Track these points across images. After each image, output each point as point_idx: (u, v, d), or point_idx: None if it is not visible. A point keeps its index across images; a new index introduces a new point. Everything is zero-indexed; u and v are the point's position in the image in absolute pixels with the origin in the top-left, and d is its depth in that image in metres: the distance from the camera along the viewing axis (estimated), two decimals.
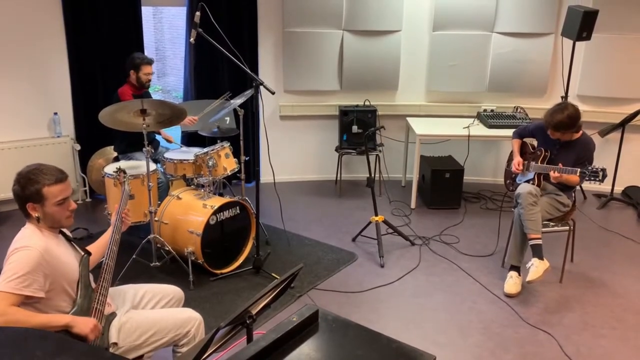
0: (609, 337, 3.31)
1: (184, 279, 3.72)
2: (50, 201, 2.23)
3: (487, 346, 3.21)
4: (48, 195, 2.22)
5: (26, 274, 2.09)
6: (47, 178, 2.23)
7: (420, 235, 4.57)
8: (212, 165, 3.97)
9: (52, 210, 2.25)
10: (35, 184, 2.21)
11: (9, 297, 2.05)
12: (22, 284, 2.08)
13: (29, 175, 2.23)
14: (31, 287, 2.10)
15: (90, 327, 2.14)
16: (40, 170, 2.24)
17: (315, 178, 5.80)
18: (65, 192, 2.28)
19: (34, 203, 2.23)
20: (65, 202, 2.28)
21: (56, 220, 2.29)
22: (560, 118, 3.59)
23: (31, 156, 4.75)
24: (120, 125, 3.67)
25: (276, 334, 1.60)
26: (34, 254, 2.13)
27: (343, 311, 3.51)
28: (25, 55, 4.71)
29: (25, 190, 2.22)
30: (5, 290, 2.05)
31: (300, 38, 5.30)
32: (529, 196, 3.66)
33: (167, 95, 9.61)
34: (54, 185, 2.24)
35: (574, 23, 4.64)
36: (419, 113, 5.53)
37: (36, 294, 2.11)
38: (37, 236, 2.23)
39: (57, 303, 2.22)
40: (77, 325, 2.12)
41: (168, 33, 9.54)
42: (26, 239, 2.21)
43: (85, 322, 2.15)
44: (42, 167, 2.26)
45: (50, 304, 2.20)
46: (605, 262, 4.20)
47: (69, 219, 2.33)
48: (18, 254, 2.14)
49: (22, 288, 2.08)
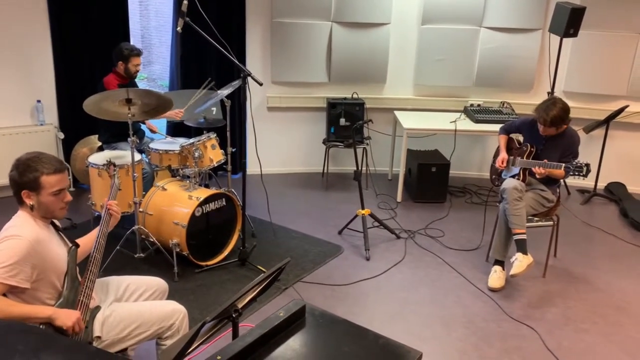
0: (591, 332, 3.36)
1: (168, 271, 3.70)
2: (46, 190, 2.21)
3: (470, 340, 3.24)
4: (45, 184, 2.20)
5: (14, 264, 2.07)
6: (46, 167, 2.21)
7: (406, 228, 4.59)
8: (199, 156, 3.93)
9: (47, 200, 2.23)
10: (33, 171, 2.19)
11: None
12: (9, 274, 2.05)
13: (28, 162, 2.20)
14: (17, 277, 2.07)
15: (73, 320, 2.11)
16: (40, 158, 2.22)
17: (302, 170, 5.78)
18: (62, 183, 2.26)
19: (29, 191, 2.21)
20: (61, 193, 2.27)
21: (50, 211, 2.26)
22: (555, 113, 3.60)
23: (13, 144, 4.68)
24: (106, 114, 3.62)
25: (263, 329, 1.59)
26: (23, 244, 2.11)
27: (328, 304, 3.52)
28: (7, 40, 4.61)
29: (22, 177, 2.19)
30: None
31: (289, 29, 5.26)
32: (514, 191, 3.69)
33: (152, 84, 9.50)
34: (52, 175, 2.21)
35: (562, 19, 4.67)
36: (406, 107, 5.53)
37: (21, 284, 2.09)
38: (29, 225, 2.20)
39: (41, 295, 2.19)
40: (59, 318, 2.10)
41: (154, 20, 9.41)
42: (17, 227, 2.18)
43: (68, 315, 2.13)
44: (42, 155, 2.24)
45: (35, 295, 2.17)
46: (588, 258, 4.26)
47: (63, 210, 2.31)
48: (7, 243, 2.11)
49: (8, 277, 2.05)
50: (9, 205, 2.29)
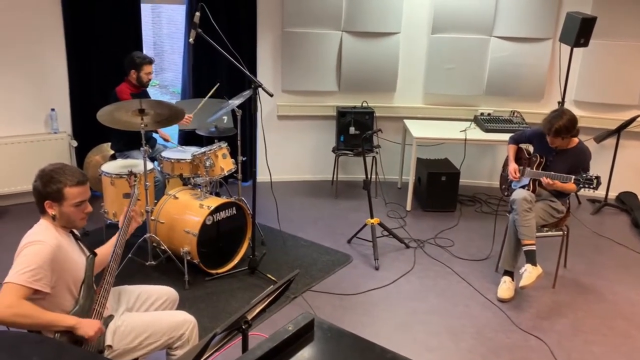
0: (600, 344, 3.35)
1: (179, 279, 3.73)
2: (69, 202, 2.28)
3: (479, 351, 3.24)
4: (68, 195, 2.27)
5: (38, 268, 2.12)
6: (70, 179, 2.28)
7: (415, 238, 4.60)
8: (210, 165, 3.98)
9: (69, 211, 2.29)
10: (57, 183, 2.26)
11: (20, 290, 2.08)
12: (34, 278, 2.11)
13: (52, 173, 2.27)
14: (41, 281, 2.13)
15: (95, 330, 2.17)
16: (64, 170, 2.29)
17: (311, 178, 5.81)
18: (84, 194, 2.33)
19: (52, 201, 2.27)
20: (83, 205, 2.34)
21: (71, 221, 2.33)
22: (561, 123, 3.61)
23: (28, 152, 4.76)
24: (119, 124, 3.68)
25: (272, 343, 1.61)
26: (46, 249, 2.17)
27: (337, 313, 3.54)
28: (23, 50, 4.69)
29: (46, 188, 2.26)
30: (18, 282, 2.08)
31: (299, 38, 5.30)
32: (524, 202, 3.69)
33: (164, 91, 9.59)
34: (75, 187, 2.29)
35: (572, 29, 4.67)
36: (416, 115, 5.55)
37: (44, 289, 2.15)
38: (50, 232, 2.27)
39: (60, 301, 2.25)
40: (82, 327, 2.15)
41: (166, 28, 9.51)
42: (41, 234, 2.24)
43: (91, 325, 2.18)
44: (65, 167, 2.32)
45: (54, 301, 2.22)
46: (598, 269, 4.24)
47: (83, 220, 2.38)
48: (31, 248, 2.17)
49: (33, 282, 2.11)
50: (25, 212, 2.34)
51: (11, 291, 2.07)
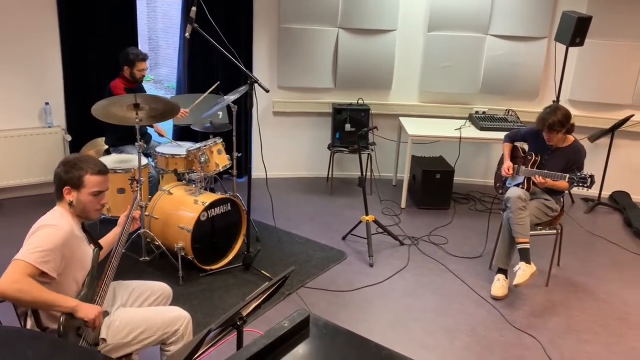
0: (593, 343, 3.37)
1: (173, 275, 3.72)
2: (87, 189, 2.32)
3: (473, 349, 3.25)
4: (88, 183, 2.31)
5: (48, 251, 2.14)
6: (92, 167, 2.33)
7: (410, 235, 4.60)
8: (205, 161, 3.96)
9: (87, 199, 2.33)
10: (79, 170, 2.31)
11: (28, 268, 2.09)
12: (43, 259, 2.12)
13: (76, 161, 2.34)
14: (49, 264, 2.14)
15: (95, 314, 2.19)
16: (87, 159, 2.36)
17: (307, 175, 5.81)
18: (103, 185, 2.37)
19: (71, 188, 2.31)
20: (100, 195, 2.37)
21: (86, 211, 2.36)
22: (554, 119, 3.63)
23: (22, 146, 4.73)
24: (113, 119, 3.66)
25: (267, 340, 1.61)
26: (60, 234, 2.19)
27: (332, 310, 3.54)
28: (18, 44, 4.65)
29: (68, 174, 2.31)
30: (26, 260, 2.10)
31: (296, 35, 5.29)
32: (518, 201, 3.70)
33: (159, 86, 9.55)
34: (96, 176, 2.33)
35: (568, 28, 4.68)
36: (411, 113, 5.55)
37: (51, 272, 2.16)
38: (65, 219, 2.30)
39: (64, 290, 2.25)
40: (82, 310, 2.17)
41: (162, 22, 9.46)
42: (56, 219, 2.27)
43: (91, 309, 2.20)
44: (90, 157, 2.40)
45: (59, 289, 2.22)
46: (591, 267, 4.27)
47: (97, 212, 2.41)
48: (45, 230, 2.19)
49: (41, 263, 2.12)
50: (19, 206, 2.33)
51: (19, 267, 2.09)
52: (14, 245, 2.26)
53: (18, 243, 2.22)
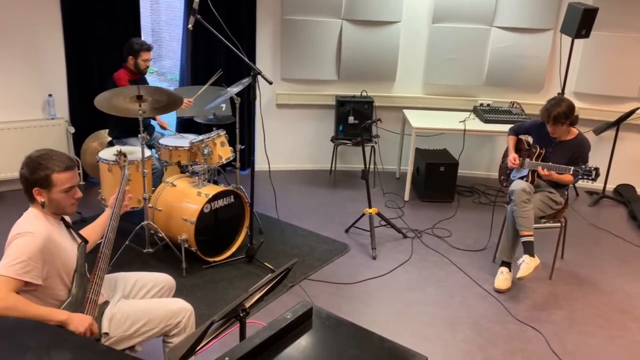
0: (596, 336, 3.36)
1: (176, 266, 3.73)
2: (57, 188, 2.23)
3: (475, 341, 3.25)
4: (56, 182, 2.22)
5: (27, 260, 2.09)
6: (57, 165, 2.22)
7: (413, 228, 4.60)
8: (208, 153, 3.96)
9: (58, 197, 2.25)
10: (44, 169, 2.21)
11: (10, 282, 2.05)
12: (23, 270, 2.08)
13: (39, 160, 2.22)
14: (31, 273, 2.10)
15: (85, 326, 2.14)
16: (51, 156, 2.24)
17: (310, 167, 5.80)
18: (73, 180, 2.28)
19: (40, 188, 2.23)
20: (72, 190, 2.29)
21: (61, 207, 2.29)
22: (558, 110, 3.61)
23: (25, 138, 4.72)
24: (116, 110, 3.65)
25: (270, 331, 1.62)
26: (36, 241, 2.13)
27: (334, 302, 3.54)
28: (20, 36, 4.64)
29: (33, 175, 2.21)
30: (7, 275, 2.05)
31: (299, 26, 5.26)
32: (522, 193, 3.69)
33: (162, 78, 9.54)
34: (63, 173, 2.23)
35: (574, 20, 4.64)
36: (415, 105, 5.52)
37: (35, 280, 2.11)
38: (40, 222, 2.22)
39: (53, 291, 2.22)
40: (73, 323, 2.12)
41: (165, 14, 9.43)
42: (29, 224, 2.20)
43: (81, 321, 2.15)
44: (52, 153, 2.26)
45: (47, 292, 2.20)
46: (595, 260, 4.25)
47: (73, 206, 2.33)
48: (21, 239, 2.13)
49: (22, 274, 2.08)
50: (22, 198, 2.31)
51: (1, 283, 2.04)
52: None
53: None
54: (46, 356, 1.60)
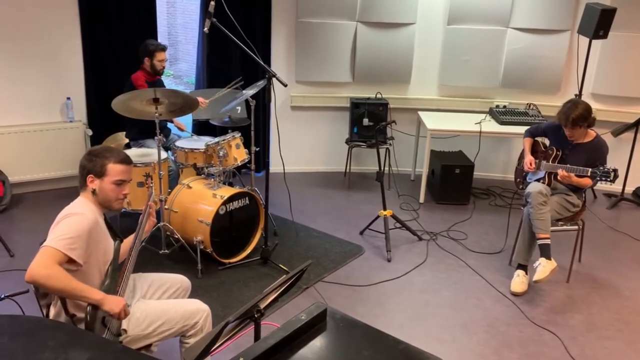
0: (614, 340, 3.31)
1: (192, 268, 3.76)
2: (110, 177, 2.37)
3: (491, 344, 3.22)
4: (110, 171, 2.37)
5: (76, 237, 2.18)
6: (115, 156, 2.39)
7: (428, 230, 4.58)
8: (223, 155, 3.98)
9: (109, 188, 2.37)
10: (102, 158, 2.37)
11: (56, 254, 2.13)
12: (70, 246, 2.16)
13: (100, 150, 2.41)
14: (76, 251, 2.18)
15: (120, 307, 2.21)
16: (111, 149, 2.43)
17: (324, 169, 5.80)
18: (126, 174, 2.41)
19: (94, 176, 2.36)
20: (122, 185, 2.41)
21: (108, 199, 2.40)
22: (577, 113, 3.57)
23: (44, 140, 4.80)
24: (133, 113, 3.70)
25: (285, 332, 1.62)
26: (85, 222, 2.24)
27: (348, 304, 3.54)
28: (39, 40, 4.72)
29: (91, 162, 2.37)
30: (55, 247, 2.13)
31: (314, 28, 5.28)
32: (539, 195, 3.65)
33: (178, 81, 9.61)
34: (118, 165, 2.38)
35: (591, 21, 4.59)
36: (430, 107, 5.51)
37: (79, 259, 2.19)
38: (89, 207, 2.34)
39: (89, 278, 2.29)
40: (108, 303, 2.19)
41: (181, 18, 9.51)
42: (81, 207, 2.32)
43: (116, 302, 2.22)
44: (114, 148, 2.48)
45: (84, 277, 2.25)
46: (613, 263, 4.20)
47: (119, 202, 2.44)
48: (72, 218, 2.24)
49: (69, 249, 2.15)
50: (41, 200, 2.36)
51: (48, 254, 2.12)
52: (36, 237, 2.29)
53: (39, 235, 2.26)
54: (64, 355, 1.62)
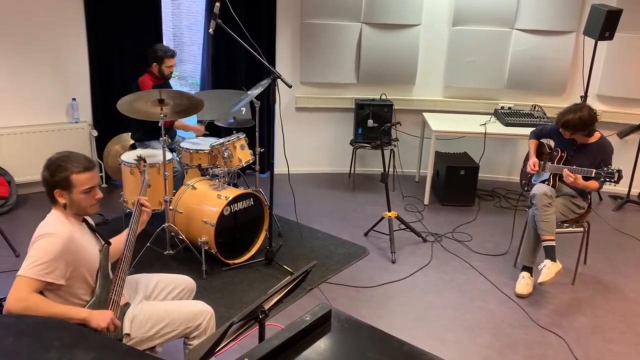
0: (619, 342, 3.30)
1: (196, 268, 3.76)
2: (77, 189, 2.27)
3: (495, 346, 3.21)
4: (76, 182, 2.26)
5: (49, 261, 2.13)
6: (76, 166, 2.27)
7: (433, 232, 4.57)
8: (228, 156, 3.99)
9: (79, 198, 2.29)
10: (64, 171, 2.25)
11: (31, 283, 2.09)
12: (45, 271, 2.12)
13: (59, 162, 2.27)
14: (53, 274, 2.14)
15: (107, 321, 2.17)
16: (70, 158, 2.28)
17: (329, 171, 5.80)
18: (93, 180, 2.32)
19: (61, 190, 2.27)
20: (92, 191, 2.32)
21: (82, 208, 2.32)
22: (570, 117, 3.57)
23: (49, 141, 4.81)
24: (138, 114, 3.70)
25: (289, 333, 1.62)
26: (58, 242, 2.17)
27: (353, 306, 3.53)
28: (45, 41, 4.74)
29: (54, 177, 2.26)
30: (28, 276, 2.09)
31: (319, 30, 5.28)
32: (544, 197, 3.64)
33: (183, 82, 9.64)
34: (83, 174, 2.27)
35: (597, 22, 4.58)
36: (435, 108, 5.50)
37: (57, 281, 2.15)
38: (62, 223, 2.26)
39: (76, 291, 2.26)
40: (94, 320, 2.16)
41: (186, 19, 9.54)
42: (52, 225, 2.24)
43: (102, 316, 2.18)
44: (71, 154, 2.30)
45: (71, 291, 2.24)
46: (619, 266, 4.18)
47: (94, 207, 2.37)
48: (43, 241, 2.17)
49: (44, 275, 2.11)
50: (46, 200, 2.36)
51: (22, 284, 2.08)
52: None
53: None
54: (69, 355, 1.62)
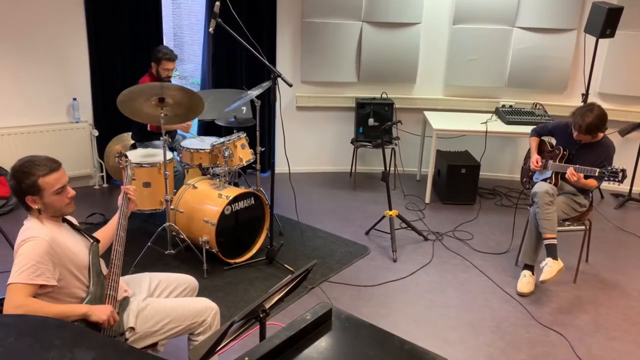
0: (621, 340, 3.29)
1: (198, 268, 3.76)
2: (48, 191, 2.23)
3: (498, 345, 3.21)
4: (45, 185, 2.22)
5: (36, 264, 2.11)
6: (41, 169, 2.22)
7: (434, 230, 4.56)
8: (228, 155, 3.98)
9: (52, 200, 2.25)
10: (30, 176, 2.20)
11: (24, 288, 2.08)
12: (35, 274, 2.11)
13: (23, 168, 2.21)
14: (43, 275, 2.13)
15: (107, 314, 2.19)
16: (33, 162, 2.23)
17: (330, 170, 5.80)
18: (61, 180, 2.27)
19: (32, 195, 2.22)
20: (64, 190, 2.28)
21: (57, 209, 2.29)
22: (591, 120, 3.54)
23: (50, 141, 4.82)
24: (139, 115, 3.70)
25: (290, 332, 1.61)
26: (41, 244, 2.15)
27: (354, 305, 3.53)
28: (45, 41, 4.74)
29: (21, 184, 2.21)
30: (20, 282, 2.08)
31: (319, 28, 5.27)
32: (545, 195, 3.63)
33: (183, 82, 9.63)
34: (49, 175, 2.23)
35: (598, 19, 4.56)
36: (436, 107, 5.49)
37: (49, 282, 2.14)
38: (40, 227, 2.24)
39: (71, 290, 2.26)
40: (94, 314, 2.17)
41: (186, 19, 9.54)
42: (31, 230, 2.22)
43: (102, 310, 2.20)
44: (34, 158, 2.25)
45: (66, 291, 2.23)
46: (621, 264, 4.17)
47: (69, 206, 2.33)
48: (26, 246, 2.15)
49: (34, 277, 2.10)
50: None
51: (16, 291, 2.07)
52: None
53: None
54: (70, 354, 1.62)
